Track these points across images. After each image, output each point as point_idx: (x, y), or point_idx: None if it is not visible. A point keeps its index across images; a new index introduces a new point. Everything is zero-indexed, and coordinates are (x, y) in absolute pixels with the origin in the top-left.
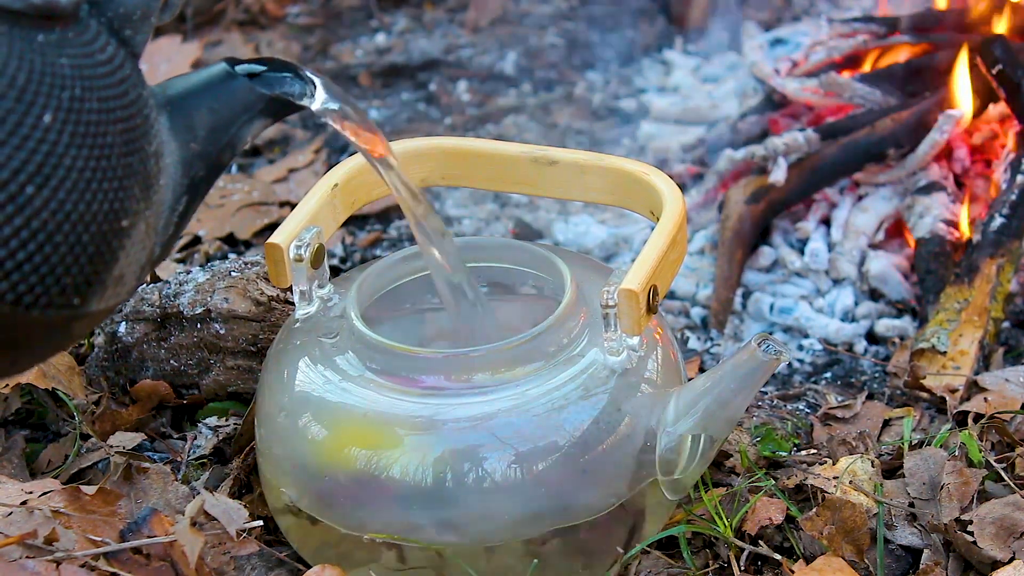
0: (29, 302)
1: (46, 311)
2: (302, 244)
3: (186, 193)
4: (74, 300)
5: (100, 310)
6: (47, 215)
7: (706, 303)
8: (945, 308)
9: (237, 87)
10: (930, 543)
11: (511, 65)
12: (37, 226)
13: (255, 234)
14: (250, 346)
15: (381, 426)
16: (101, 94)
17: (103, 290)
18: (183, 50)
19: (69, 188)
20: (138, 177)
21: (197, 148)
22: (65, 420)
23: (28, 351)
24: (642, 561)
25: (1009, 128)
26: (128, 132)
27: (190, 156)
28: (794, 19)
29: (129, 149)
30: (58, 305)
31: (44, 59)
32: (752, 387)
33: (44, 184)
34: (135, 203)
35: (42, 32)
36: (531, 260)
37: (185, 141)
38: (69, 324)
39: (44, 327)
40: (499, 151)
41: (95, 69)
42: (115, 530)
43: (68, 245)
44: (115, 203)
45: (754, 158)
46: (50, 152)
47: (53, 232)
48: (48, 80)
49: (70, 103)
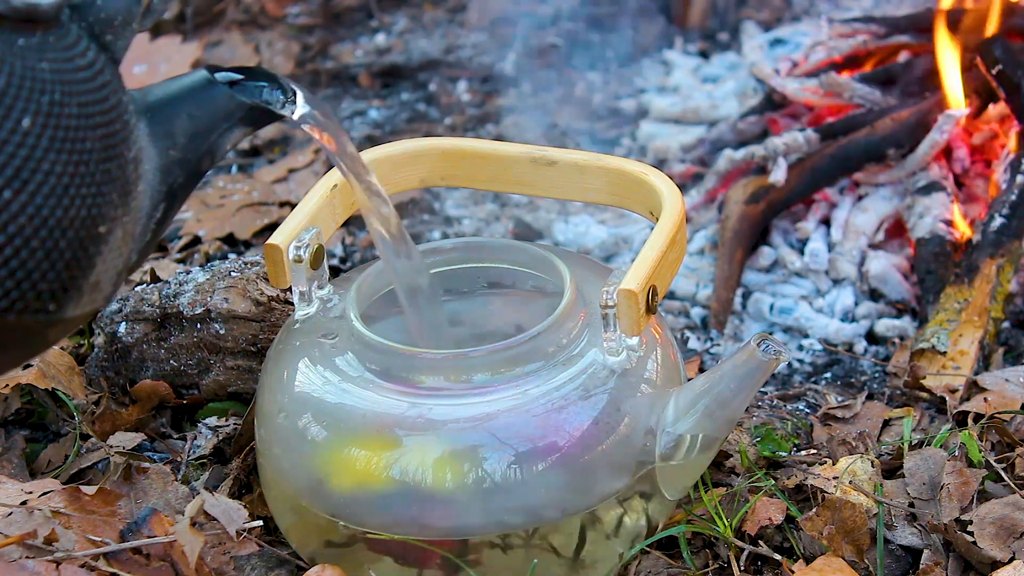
0: (5, 307)
1: (22, 316)
2: (301, 245)
3: (164, 200)
4: (50, 306)
5: (76, 316)
6: (24, 220)
7: (706, 303)
8: (945, 308)
9: (217, 95)
10: (930, 543)
11: (511, 65)
12: (14, 231)
13: (255, 234)
14: (250, 346)
15: (381, 427)
16: (81, 99)
17: (79, 296)
18: (183, 50)
19: (47, 193)
20: (116, 183)
21: (176, 155)
22: (65, 420)
23: (4, 355)
24: (642, 561)
25: (1009, 128)
26: (107, 138)
27: (169, 163)
28: (794, 19)
29: (108, 155)
30: (34, 310)
31: (24, 63)
32: (751, 387)
33: (22, 189)
34: (113, 209)
35: (23, 36)
36: (530, 260)
37: (164, 148)
38: (45, 330)
39: (19, 332)
40: (498, 151)
41: (75, 74)
42: (115, 530)
43: (45, 251)
44: (93, 209)
45: (754, 158)
46: (28, 156)
47: (30, 237)
48: (28, 84)
49: (49, 107)
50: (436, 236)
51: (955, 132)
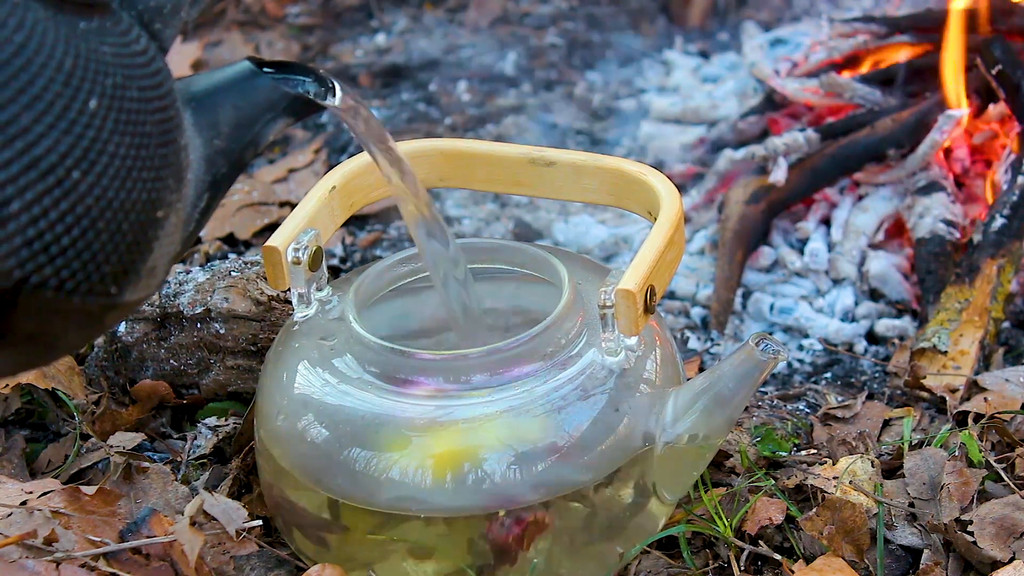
0: (71, 288)
1: (86, 298)
2: (300, 247)
3: (208, 190)
4: (112, 288)
5: (132, 300)
6: (91, 201)
7: (706, 303)
8: (946, 308)
9: (261, 85)
10: (930, 543)
11: (511, 65)
12: (82, 211)
13: (255, 234)
14: (250, 346)
15: (380, 428)
16: (140, 83)
17: (138, 280)
18: (183, 50)
19: (112, 175)
20: (172, 168)
21: (221, 145)
22: (65, 420)
23: (63, 340)
24: (642, 561)
25: (1009, 128)
26: (164, 123)
27: (213, 153)
28: (794, 19)
29: (165, 140)
30: (97, 292)
31: (88, 45)
32: (750, 387)
33: (89, 169)
34: (170, 194)
35: (83, 20)
36: (529, 261)
37: (209, 138)
38: (104, 313)
39: (81, 315)
40: (497, 152)
41: (133, 59)
42: (115, 530)
43: (109, 232)
44: (152, 193)
45: (754, 158)
46: (95, 138)
47: (96, 218)
48: (93, 66)
49: (113, 90)
50: None
51: (955, 132)
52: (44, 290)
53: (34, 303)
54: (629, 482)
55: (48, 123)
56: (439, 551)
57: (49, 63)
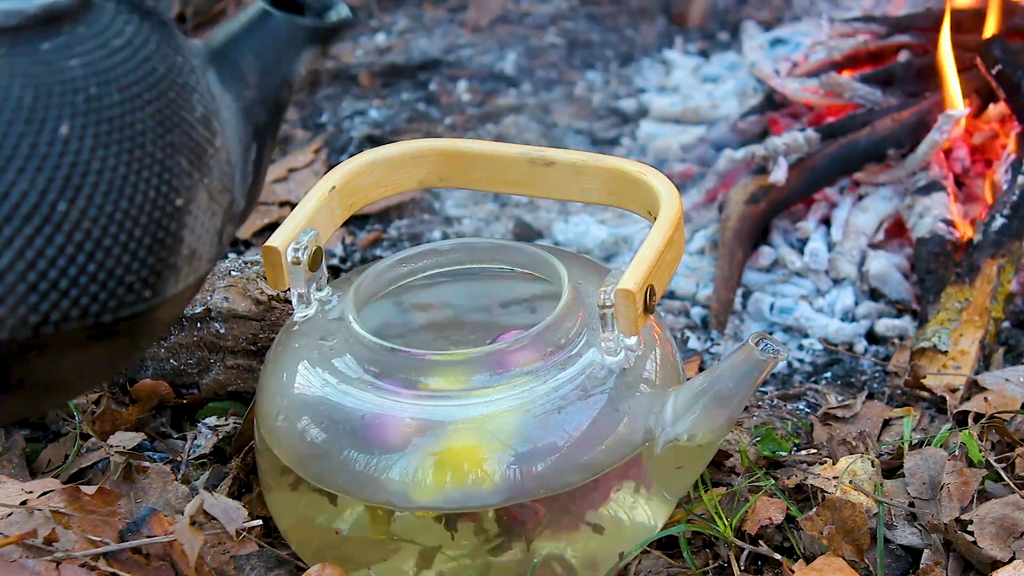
0: (97, 311)
1: (118, 313)
2: (299, 247)
3: (254, 140)
4: (145, 293)
5: (180, 290)
6: (88, 224)
7: (706, 303)
8: (946, 308)
9: (275, 24)
10: (930, 543)
11: (511, 65)
12: (81, 238)
13: (255, 234)
14: (250, 345)
15: (380, 429)
16: (122, 83)
17: (175, 272)
18: None
19: (105, 190)
20: (183, 151)
21: (252, 94)
22: (65, 420)
23: (133, 347)
24: (642, 561)
25: (1009, 128)
26: (161, 111)
27: (247, 104)
28: (794, 19)
29: (166, 127)
30: (129, 304)
31: (51, 68)
32: (750, 386)
33: (76, 195)
34: (187, 178)
35: (47, 39)
36: (529, 261)
37: (239, 91)
38: (151, 315)
39: (123, 327)
40: (496, 152)
41: (111, 59)
42: (115, 530)
43: (120, 244)
44: (162, 187)
45: (754, 158)
46: (74, 162)
47: (100, 237)
48: (58, 89)
49: (87, 104)
50: (436, 236)
51: (955, 132)
52: (67, 322)
53: (61, 338)
54: (629, 482)
55: (17, 167)
56: (439, 551)
57: (4, 106)
